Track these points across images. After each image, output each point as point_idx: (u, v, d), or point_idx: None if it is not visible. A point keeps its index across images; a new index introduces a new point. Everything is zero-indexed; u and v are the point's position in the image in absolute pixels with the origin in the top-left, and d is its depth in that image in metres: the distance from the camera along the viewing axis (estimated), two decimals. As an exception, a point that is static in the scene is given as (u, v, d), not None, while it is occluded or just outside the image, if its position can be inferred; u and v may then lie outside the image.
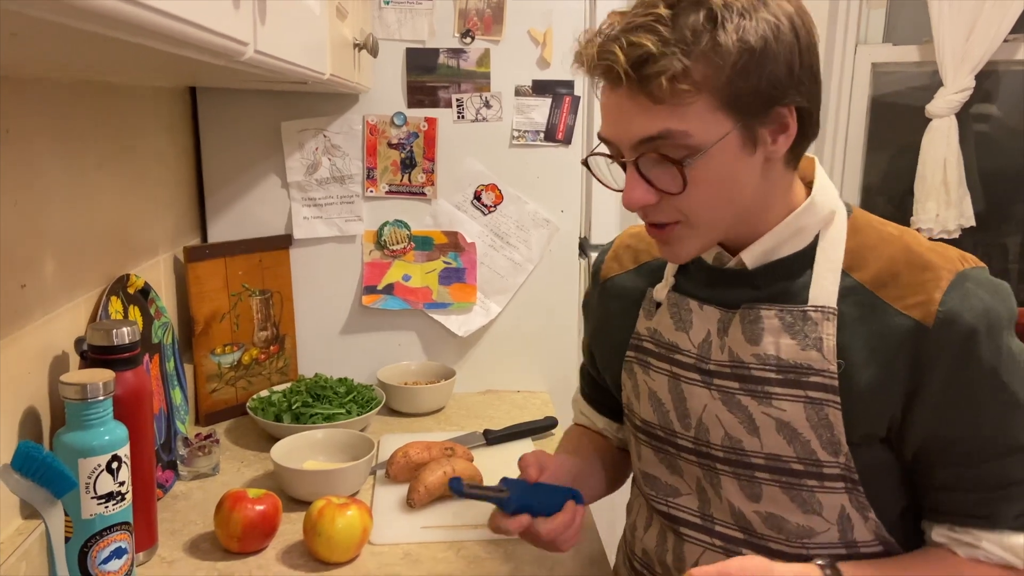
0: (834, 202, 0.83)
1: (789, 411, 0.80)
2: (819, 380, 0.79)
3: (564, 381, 1.69)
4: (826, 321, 0.79)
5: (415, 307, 1.62)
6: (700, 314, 0.87)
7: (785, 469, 0.82)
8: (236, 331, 1.54)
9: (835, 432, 0.79)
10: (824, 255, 0.81)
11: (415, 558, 1.07)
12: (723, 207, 0.78)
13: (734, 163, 0.75)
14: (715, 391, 0.85)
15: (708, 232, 0.80)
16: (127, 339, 1.01)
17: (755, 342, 0.82)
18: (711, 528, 0.89)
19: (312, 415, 1.39)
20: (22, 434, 0.95)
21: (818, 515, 0.82)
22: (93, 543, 0.94)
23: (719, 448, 0.86)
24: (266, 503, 1.08)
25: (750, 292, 0.83)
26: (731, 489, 0.86)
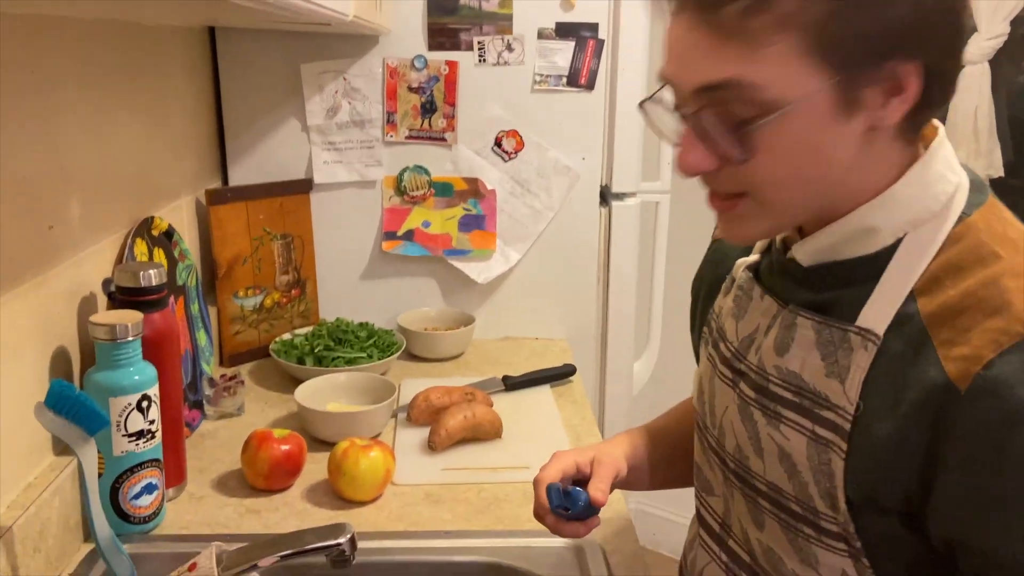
0: (939, 199, 0.64)
1: (793, 442, 0.67)
2: (830, 417, 0.64)
3: (582, 329, 1.70)
4: (863, 350, 0.63)
5: (435, 253, 1.62)
6: (759, 304, 0.74)
7: (784, 506, 0.69)
8: (258, 274, 1.55)
9: (834, 483, 0.64)
10: (898, 265, 0.64)
11: (436, 498, 1.09)
12: (801, 185, 0.63)
13: (821, 130, 0.60)
14: (738, 395, 0.73)
15: (781, 214, 0.66)
16: (154, 281, 1.02)
17: (782, 352, 0.68)
18: (724, 540, 0.79)
19: (334, 359, 1.41)
20: (53, 373, 0.97)
21: (815, 571, 0.68)
22: (124, 479, 0.97)
23: (731, 458, 0.75)
24: (291, 443, 1.10)
25: (806, 294, 0.69)
26: (740, 506, 0.75)
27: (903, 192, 0.64)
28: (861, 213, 0.65)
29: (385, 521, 1.04)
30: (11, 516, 0.84)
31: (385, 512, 1.06)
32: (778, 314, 0.71)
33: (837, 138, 0.61)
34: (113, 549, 0.86)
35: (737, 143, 0.61)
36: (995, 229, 0.63)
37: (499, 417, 1.24)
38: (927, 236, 0.63)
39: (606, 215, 1.66)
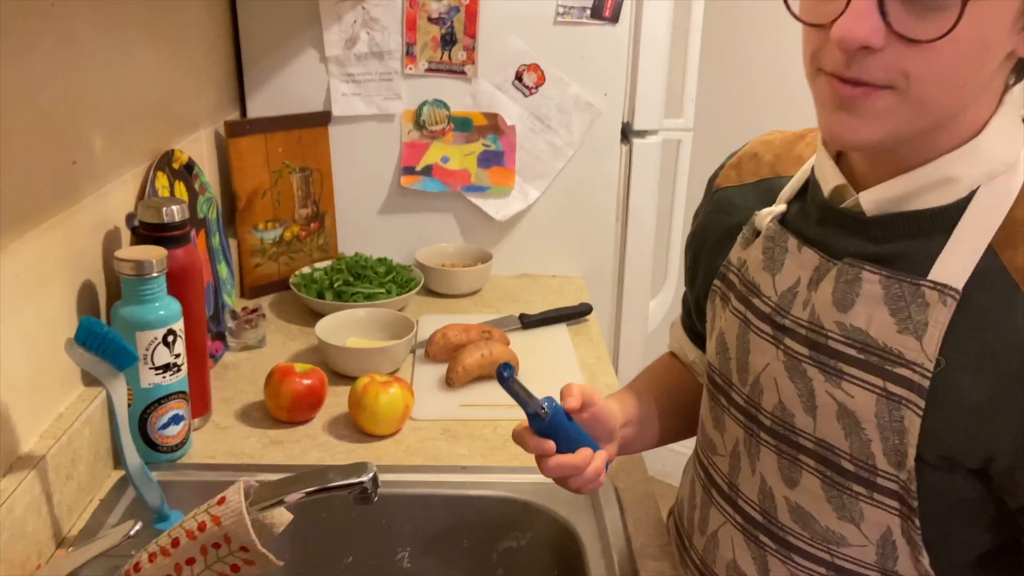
0: (1013, 151, 0.64)
1: (858, 399, 0.66)
2: (906, 374, 0.64)
3: (599, 268, 1.70)
4: (941, 305, 0.62)
5: (453, 189, 1.62)
6: (796, 257, 0.72)
7: (833, 463, 0.69)
8: (278, 208, 1.56)
9: (905, 440, 0.64)
10: (973, 219, 0.63)
11: (453, 434, 1.12)
12: (956, 88, 0.60)
13: (998, 33, 0.58)
14: (782, 351, 0.72)
15: (917, 117, 0.61)
16: (177, 217, 1.03)
17: (844, 308, 0.67)
18: (734, 500, 0.78)
19: (353, 294, 1.43)
20: (80, 306, 0.99)
21: (855, 526, 0.69)
22: (152, 410, 1.00)
23: (768, 416, 0.74)
24: (312, 377, 1.13)
25: (862, 244, 0.67)
26: (769, 464, 0.74)
27: (986, 144, 0.63)
28: (946, 161, 0.63)
29: (404, 455, 1.07)
30: (44, 445, 0.87)
31: (404, 446, 1.09)
32: (825, 267, 0.69)
33: (1002, 49, 0.59)
34: (143, 478, 0.90)
35: (941, 19, 0.55)
36: None
37: (516, 355, 1.26)
38: (1002, 189, 0.63)
39: (627, 153, 1.64)
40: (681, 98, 1.66)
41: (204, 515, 0.67)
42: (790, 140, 0.84)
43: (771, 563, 0.75)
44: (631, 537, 0.93)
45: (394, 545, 1.02)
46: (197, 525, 0.67)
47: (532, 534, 0.99)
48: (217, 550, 0.67)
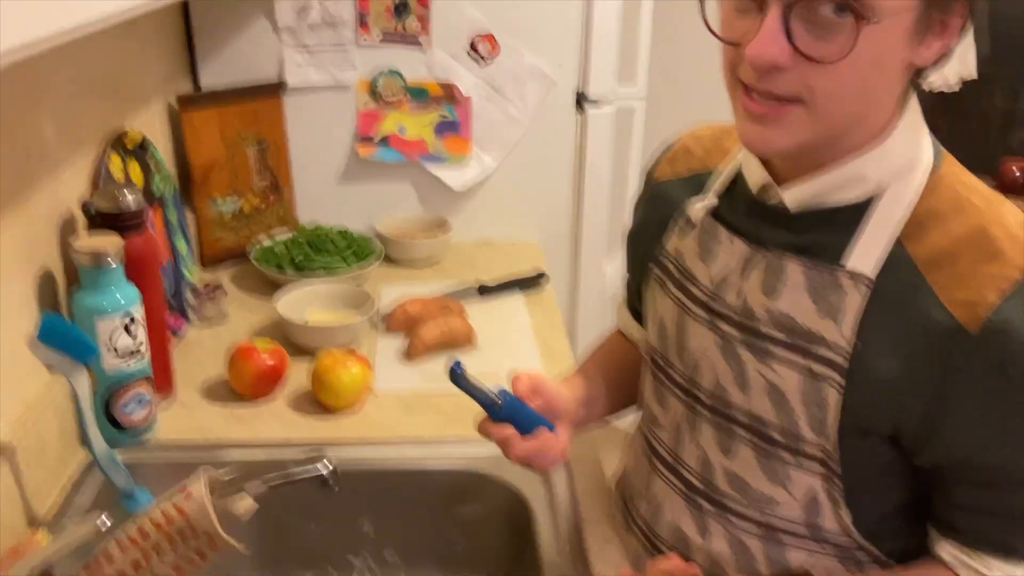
0: (916, 151, 0.70)
1: (785, 377, 0.72)
2: (827, 355, 0.70)
3: (555, 234, 1.74)
4: (856, 292, 0.68)
5: (411, 159, 1.63)
6: (728, 247, 0.77)
7: (764, 435, 0.75)
8: (235, 180, 1.56)
9: (826, 414, 0.71)
10: (882, 214, 0.69)
11: (413, 406, 1.17)
12: (856, 99, 0.65)
13: (895, 49, 0.63)
14: (717, 335, 0.78)
15: (823, 129, 0.67)
16: (132, 206, 1.04)
17: (772, 295, 0.73)
18: (677, 470, 0.84)
19: (313, 267, 1.45)
20: (40, 294, 1.00)
21: (784, 488, 0.75)
22: (116, 393, 1.03)
23: (706, 393, 0.80)
24: (274, 356, 1.16)
25: (786, 236, 0.73)
26: (708, 436, 0.80)
27: (892, 146, 0.69)
28: (856, 163, 0.69)
29: (365, 428, 1.12)
30: (12, 435, 0.90)
31: (365, 420, 1.14)
32: (753, 256, 0.75)
33: (897, 62, 0.64)
34: (110, 463, 0.93)
35: (837, 42, 0.61)
36: (962, 179, 0.71)
37: (473, 328, 1.30)
38: (907, 185, 0.69)
39: (581, 122, 1.66)
40: (635, 67, 1.68)
41: (169, 506, 0.71)
42: (718, 135, 0.88)
43: (710, 525, 0.82)
44: (579, 504, 0.99)
45: (357, 514, 1.07)
46: (163, 516, 0.71)
47: (486, 502, 1.05)
48: (184, 539, 0.71)
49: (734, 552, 0.80)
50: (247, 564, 1.05)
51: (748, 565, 0.79)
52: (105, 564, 0.71)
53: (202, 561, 0.72)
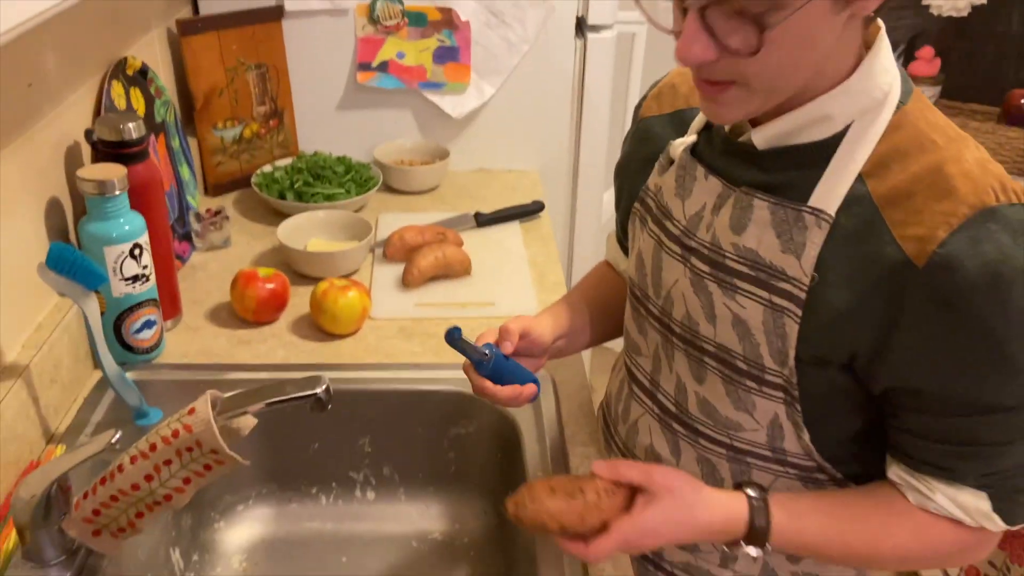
0: (882, 89, 0.70)
1: (749, 310, 0.76)
2: (787, 288, 0.73)
3: (554, 162, 1.75)
4: (817, 228, 0.71)
5: (409, 86, 1.64)
6: (703, 184, 0.80)
7: (731, 364, 0.79)
8: (235, 106, 1.58)
9: (786, 344, 0.74)
10: (846, 151, 0.70)
11: (409, 332, 1.22)
12: (792, 73, 0.67)
13: (819, 23, 0.63)
14: (689, 269, 0.81)
15: (767, 99, 0.69)
16: (134, 135, 1.07)
17: (739, 231, 0.75)
18: (654, 395, 0.89)
19: (313, 194, 1.48)
20: (48, 223, 1.04)
21: (748, 414, 0.80)
22: (126, 317, 1.08)
23: (678, 324, 0.83)
24: (275, 282, 1.20)
25: (756, 174, 0.75)
26: (682, 365, 0.84)
27: (856, 84, 0.70)
28: (820, 102, 0.70)
29: (363, 353, 1.17)
30: (27, 355, 0.96)
31: (363, 344, 1.19)
32: (725, 194, 0.77)
33: (827, 29, 0.65)
34: (121, 382, 0.99)
35: (746, 39, 0.63)
36: (928, 117, 0.71)
37: (468, 257, 1.34)
38: (871, 124, 0.70)
39: (581, 47, 1.66)
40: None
41: (177, 423, 0.76)
42: None
43: (682, 446, 0.87)
44: (564, 426, 1.05)
45: (356, 433, 1.13)
46: (171, 432, 0.76)
47: (478, 423, 1.11)
48: (190, 453, 0.76)
49: (703, 471, 0.85)
50: (257, 479, 1.12)
51: (716, 484, 0.84)
52: (119, 476, 0.77)
53: (209, 473, 0.78)
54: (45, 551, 0.81)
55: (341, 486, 1.15)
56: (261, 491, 1.14)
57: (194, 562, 1.04)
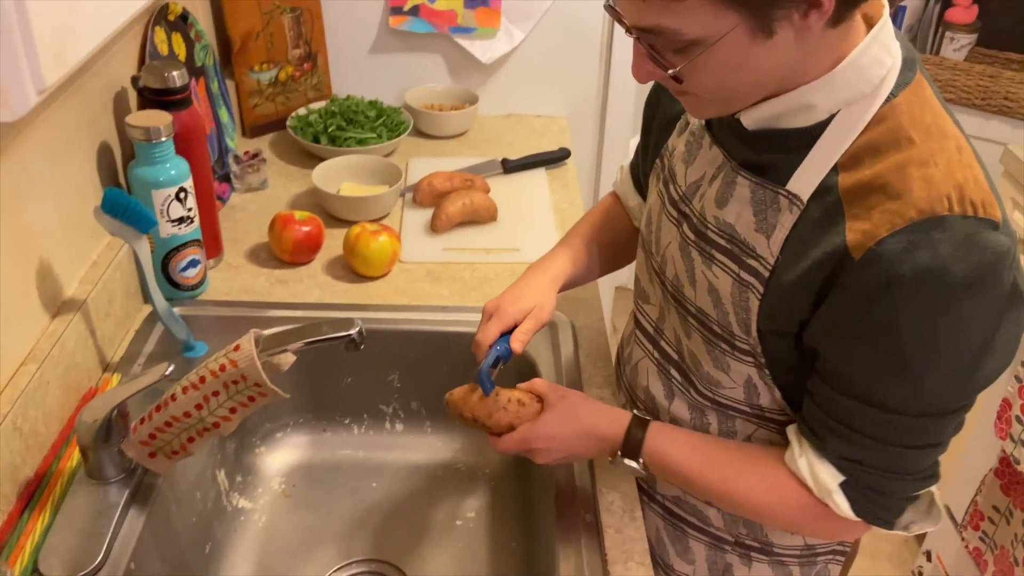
0: (871, 81, 0.70)
1: (720, 280, 0.79)
2: (754, 264, 0.76)
3: (582, 107, 1.78)
4: (788, 212, 0.73)
5: (440, 31, 1.66)
6: (707, 154, 0.82)
7: (707, 326, 0.83)
8: (271, 49, 1.62)
9: (749, 316, 0.78)
10: (827, 141, 0.71)
11: (437, 275, 1.28)
12: (737, 88, 0.70)
13: (743, 53, 0.66)
14: (679, 234, 0.85)
15: (725, 106, 0.73)
16: (178, 82, 1.12)
17: (721, 205, 0.78)
18: (657, 341, 0.93)
19: (346, 138, 1.53)
20: (100, 165, 1.10)
21: (725, 374, 0.84)
22: (172, 256, 1.15)
23: (669, 283, 0.88)
24: (311, 224, 1.26)
25: (747, 152, 0.77)
26: (674, 319, 0.89)
27: (841, 75, 0.70)
28: (802, 91, 0.70)
29: (392, 294, 1.23)
30: (84, 290, 1.03)
31: (393, 286, 1.25)
32: (721, 166, 0.80)
33: (763, 53, 0.66)
34: (170, 317, 1.06)
35: (669, 68, 0.68)
36: (914, 112, 0.70)
37: (495, 203, 1.38)
38: (856, 115, 0.70)
39: (611, -6, 1.66)
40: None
41: (224, 359, 0.84)
42: None
43: (675, 391, 0.92)
44: (582, 368, 1.11)
45: (386, 369, 1.21)
46: (219, 366, 0.84)
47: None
48: (236, 385, 0.84)
49: (692, 417, 0.91)
50: (295, 409, 1.21)
51: (703, 428, 0.90)
52: (172, 404, 0.85)
53: (253, 404, 0.85)
54: (106, 470, 0.90)
55: (372, 418, 1.23)
56: (298, 420, 1.22)
57: (237, 483, 1.13)
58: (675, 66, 0.68)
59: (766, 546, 0.95)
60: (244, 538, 1.09)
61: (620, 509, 0.91)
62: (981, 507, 1.69)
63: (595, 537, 0.88)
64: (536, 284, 0.99)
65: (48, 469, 0.91)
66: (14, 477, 0.86)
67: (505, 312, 0.94)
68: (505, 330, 0.94)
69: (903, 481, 0.77)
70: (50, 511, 0.87)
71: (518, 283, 1.00)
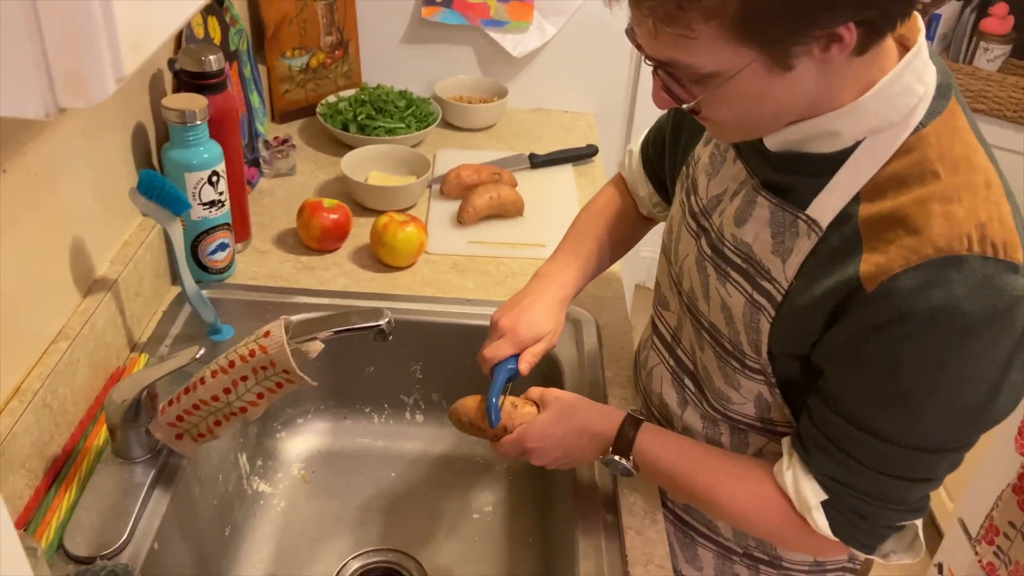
0: (899, 110, 0.68)
1: (734, 299, 0.79)
2: (768, 287, 0.75)
3: (610, 105, 1.77)
4: (807, 237, 0.72)
5: (472, 23, 1.66)
6: (730, 168, 0.81)
7: (719, 343, 0.83)
8: (304, 35, 1.62)
9: (760, 338, 0.77)
10: (851, 168, 0.69)
11: (462, 268, 1.28)
12: (758, 118, 0.70)
13: (762, 86, 0.65)
14: (696, 247, 0.85)
15: (745, 134, 0.73)
16: (214, 67, 1.12)
17: (740, 223, 0.78)
18: (673, 349, 0.93)
19: (375, 127, 1.53)
20: (135, 147, 1.11)
21: (736, 391, 0.83)
22: (202, 239, 1.15)
23: (685, 295, 0.88)
24: (339, 212, 1.27)
25: (770, 173, 0.76)
26: (689, 330, 0.88)
27: (869, 103, 0.67)
28: (827, 118, 0.69)
29: (418, 286, 1.24)
30: (115, 270, 1.04)
31: (418, 277, 1.25)
32: (745, 183, 0.78)
33: (783, 85, 0.65)
34: (199, 300, 1.07)
35: (687, 99, 0.68)
36: (943, 144, 0.68)
37: (521, 198, 1.38)
38: (882, 144, 0.68)
39: (645, -8, 1.65)
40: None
41: (254, 344, 0.84)
42: None
43: (689, 401, 0.92)
44: (605, 367, 1.11)
45: (409, 360, 1.21)
46: (248, 351, 0.84)
47: (523, 359, 1.17)
48: (265, 371, 0.84)
49: (704, 427, 0.90)
50: (316, 396, 1.21)
51: (715, 439, 0.90)
52: (200, 387, 0.86)
53: (280, 391, 0.86)
54: (132, 449, 0.90)
55: (392, 407, 1.24)
56: (319, 407, 1.23)
57: (258, 467, 1.14)
58: (693, 97, 0.68)
59: (775, 559, 0.95)
60: (263, 522, 1.10)
61: (642, 511, 0.91)
62: (997, 522, 1.68)
63: (616, 538, 0.88)
64: (547, 305, 0.97)
65: (75, 446, 0.92)
66: (42, 453, 0.87)
67: (521, 338, 0.93)
68: (515, 353, 0.93)
69: (886, 510, 0.76)
70: (76, 488, 0.88)
71: (528, 301, 0.97)
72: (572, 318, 1.18)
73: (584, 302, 1.21)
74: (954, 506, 1.87)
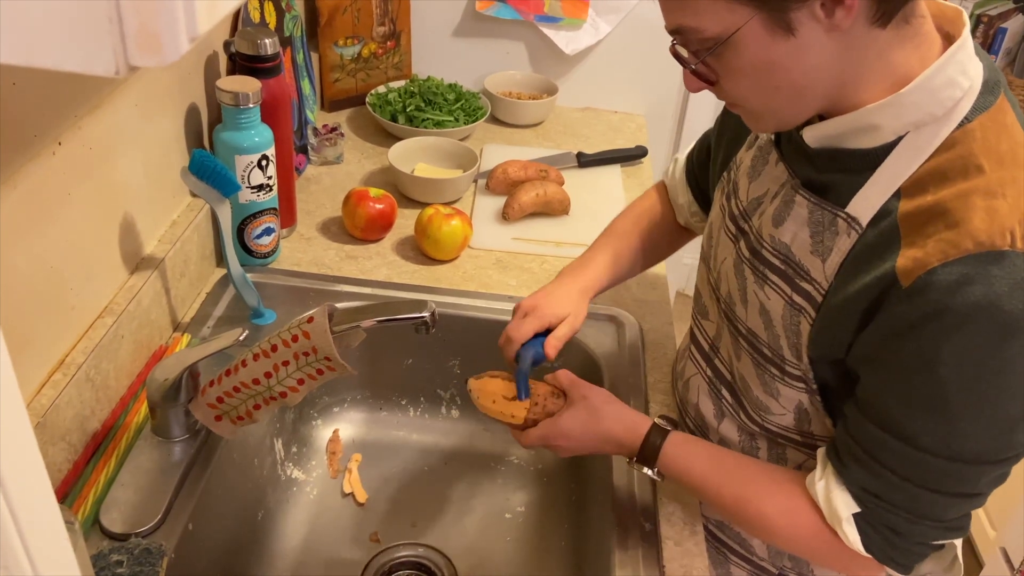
0: (943, 104, 0.66)
1: (773, 301, 0.77)
2: (807, 288, 0.73)
3: (660, 107, 1.74)
4: (846, 235, 0.70)
5: (526, 18, 1.65)
6: (772, 170, 0.80)
7: (758, 349, 0.80)
8: (357, 24, 1.62)
9: (800, 341, 0.75)
10: (892, 164, 0.67)
11: (505, 264, 1.27)
12: (773, 94, 0.68)
13: (767, 50, 0.64)
14: (735, 251, 0.83)
15: (778, 117, 0.71)
16: (269, 50, 1.12)
17: (778, 224, 0.76)
18: (711, 359, 0.91)
19: (424, 120, 1.52)
20: (187, 127, 1.11)
21: (775, 400, 0.81)
22: (248, 223, 1.15)
23: (723, 300, 0.86)
24: (384, 203, 1.26)
25: (810, 171, 0.74)
26: (727, 338, 0.86)
27: (910, 96, 0.66)
28: (866, 111, 0.67)
29: (460, 280, 1.23)
30: (162, 249, 1.04)
31: (461, 272, 1.24)
32: (785, 184, 0.77)
33: (789, 53, 0.64)
34: (244, 283, 1.07)
35: (700, 70, 0.69)
36: (989, 139, 0.65)
37: (568, 196, 1.36)
38: (925, 139, 0.66)
39: (703, -7, 1.62)
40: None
41: (297, 329, 0.84)
42: None
43: (726, 412, 0.90)
44: (647, 373, 1.09)
45: (447, 354, 1.20)
46: (291, 336, 0.84)
47: (563, 360, 1.15)
48: (306, 357, 0.84)
49: (741, 439, 0.88)
50: (353, 385, 1.21)
51: (752, 452, 0.87)
52: (242, 369, 0.85)
53: (320, 377, 0.85)
54: (172, 428, 0.90)
55: (428, 401, 1.23)
56: (356, 396, 1.22)
57: (293, 453, 1.14)
58: (710, 68, 0.68)
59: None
60: (295, 508, 1.09)
61: (681, 521, 0.89)
62: None
63: (653, 547, 0.86)
64: (570, 291, 0.98)
65: (115, 422, 0.93)
66: (83, 427, 0.87)
67: (543, 313, 0.94)
68: (540, 331, 0.93)
69: (922, 526, 0.72)
70: (115, 464, 0.88)
71: (552, 287, 0.99)
72: (613, 318, 1.16)
73: (627, 303, 1.19)
74: (996, 534, 1.81)
